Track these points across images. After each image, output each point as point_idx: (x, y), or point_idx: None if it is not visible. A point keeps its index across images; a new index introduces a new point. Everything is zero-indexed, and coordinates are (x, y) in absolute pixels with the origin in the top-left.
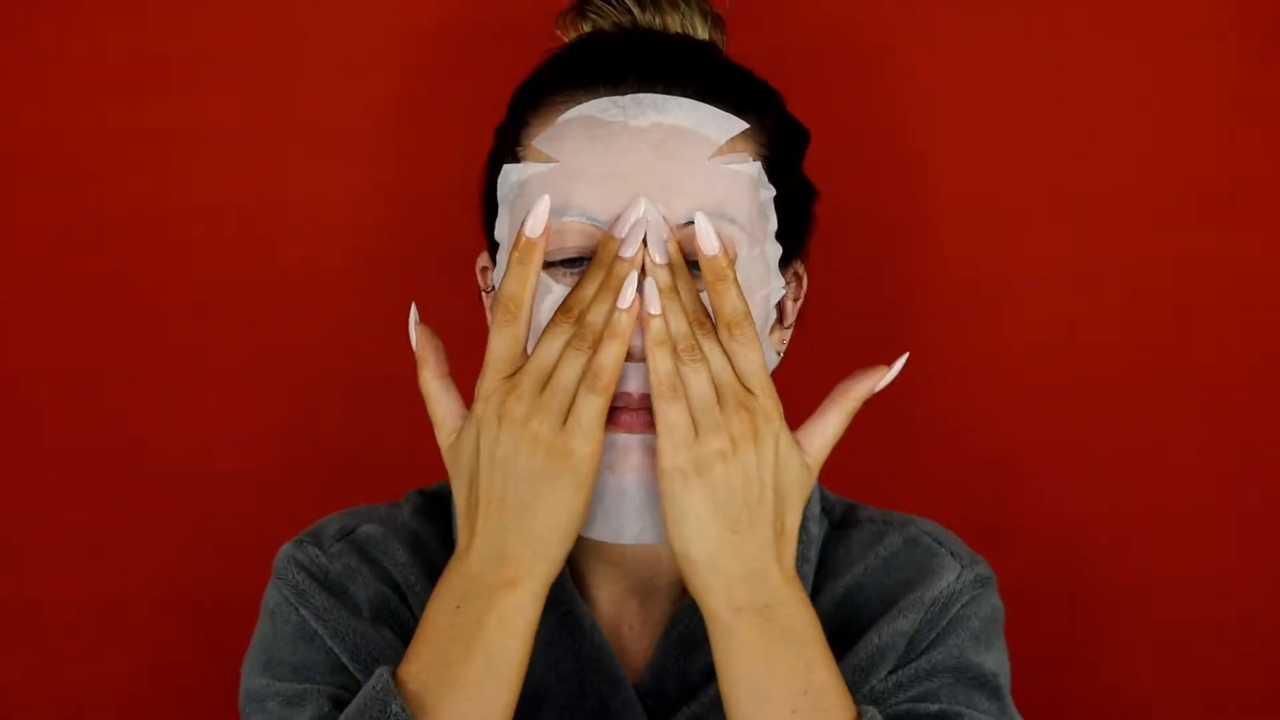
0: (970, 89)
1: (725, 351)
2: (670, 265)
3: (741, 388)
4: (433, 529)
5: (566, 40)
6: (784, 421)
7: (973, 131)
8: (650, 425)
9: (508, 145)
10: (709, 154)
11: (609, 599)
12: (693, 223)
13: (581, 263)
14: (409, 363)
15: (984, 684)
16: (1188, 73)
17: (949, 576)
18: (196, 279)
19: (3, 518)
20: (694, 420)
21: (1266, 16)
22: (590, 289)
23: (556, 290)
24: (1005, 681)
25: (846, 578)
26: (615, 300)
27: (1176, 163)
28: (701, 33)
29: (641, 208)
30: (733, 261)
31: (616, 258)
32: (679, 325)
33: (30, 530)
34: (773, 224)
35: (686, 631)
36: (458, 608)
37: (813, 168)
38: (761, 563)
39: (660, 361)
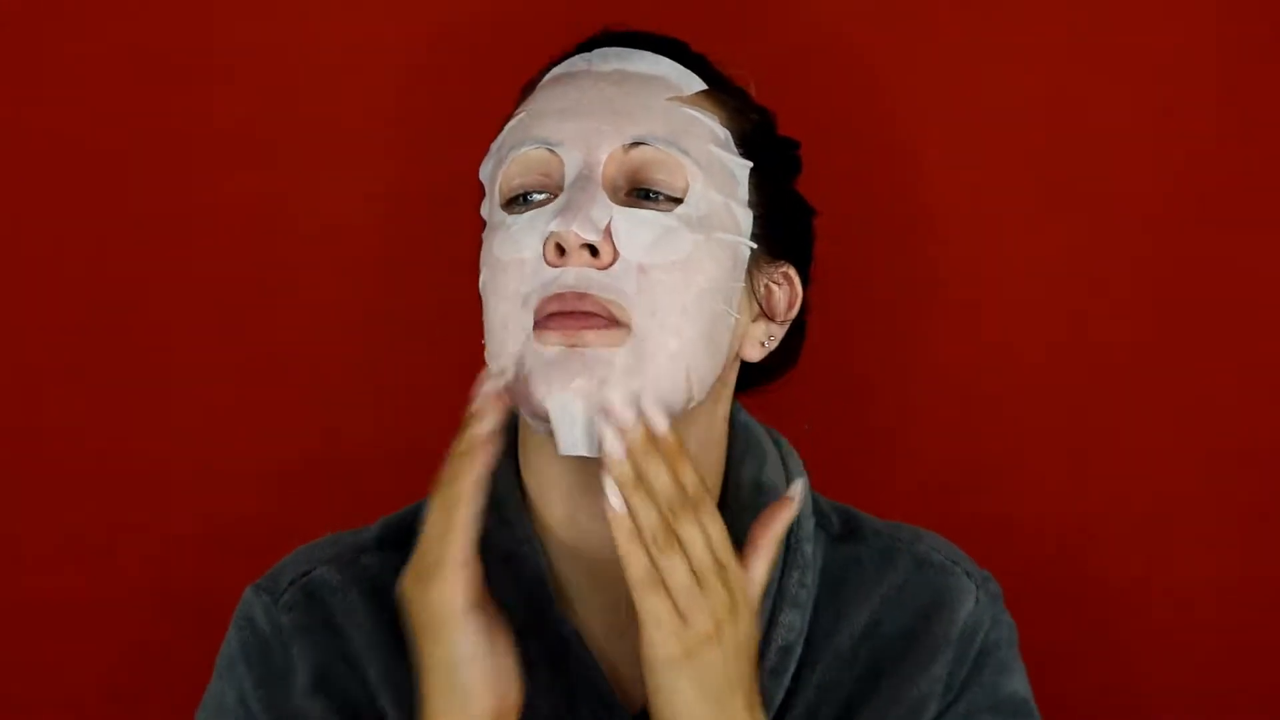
0: (968, 89)
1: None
2: (632, 451)
3: (715, 561)
4: (398, 564)
5: None
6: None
7: (972, 132)
8: (585, 327)
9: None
10: (669, 95)
11: (603, 621)
12: (640, 143)
13: (530, 198)
14: (410, 363)
15: (1019, 711)
16: (1188, 73)
17: (968, 604)
18: (198, 279)
19: (3, 518)
20: (677, 607)
21: (1266, 16)
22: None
23: (509, 221)
24: (1031, 695)
25: (864, 613)
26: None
27: (1176, 163)
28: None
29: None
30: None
31: (467, 432)
32: (649, 518)
33: (30, 530)
34: (743, 191)
35: None
36: None
37: (810, 171)
38: None
39: (636, 558)
